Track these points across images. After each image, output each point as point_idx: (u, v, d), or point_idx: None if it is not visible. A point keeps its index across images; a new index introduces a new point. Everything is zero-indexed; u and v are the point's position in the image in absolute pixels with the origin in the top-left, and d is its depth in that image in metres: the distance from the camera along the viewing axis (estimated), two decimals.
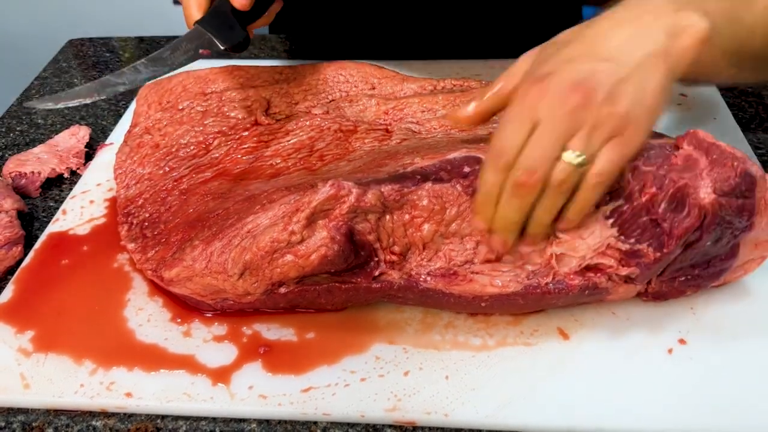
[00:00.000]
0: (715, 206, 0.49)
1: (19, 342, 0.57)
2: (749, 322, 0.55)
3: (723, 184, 0.49)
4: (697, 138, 0.51)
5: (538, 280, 0.52)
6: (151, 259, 0.59)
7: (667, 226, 0.50)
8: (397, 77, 0.71)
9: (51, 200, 0.76)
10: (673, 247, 0.50)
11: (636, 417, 0.49)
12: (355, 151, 0.63)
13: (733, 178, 0.49)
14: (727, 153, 0.50)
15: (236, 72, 0.76)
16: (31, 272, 0.64)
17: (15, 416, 0.53)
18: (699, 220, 0.49)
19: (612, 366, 0.53)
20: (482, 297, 0.53)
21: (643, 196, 0.50)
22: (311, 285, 0.54)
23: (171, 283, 0.56)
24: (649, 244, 0.51)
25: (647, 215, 0.50)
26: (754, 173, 0.50)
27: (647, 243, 0.51)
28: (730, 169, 0.49)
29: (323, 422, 0.52)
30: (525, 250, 0.52)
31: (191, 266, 0.54)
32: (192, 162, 0.67)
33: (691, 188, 0.49)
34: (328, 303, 0.57)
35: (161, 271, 0.57)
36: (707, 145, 0.51)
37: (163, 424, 0.52)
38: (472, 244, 0.53)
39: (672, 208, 0.50)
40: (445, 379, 0.53)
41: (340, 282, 0.53)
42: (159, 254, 0.59)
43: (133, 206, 0.65)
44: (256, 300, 0.55)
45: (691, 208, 0.49)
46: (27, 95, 0.95)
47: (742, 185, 0.49)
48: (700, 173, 0.50)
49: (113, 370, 0.55)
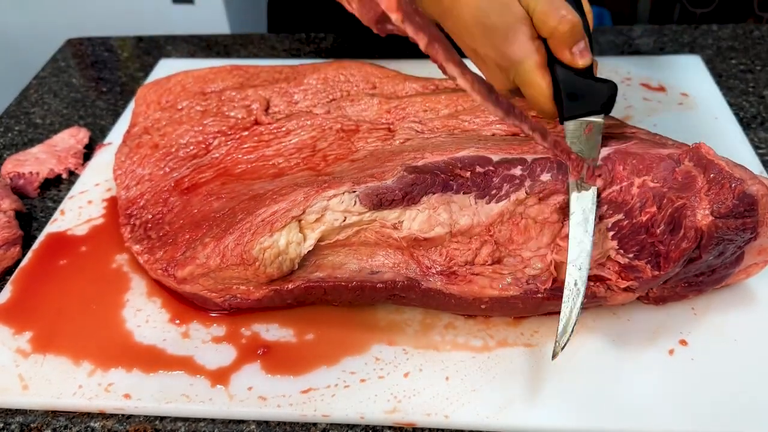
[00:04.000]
0: (712, 228, 0.48)
1: (17, 343, 0.57)
2: (750, 323, 0.55)
3: (720, 206, 0.48)
4: (698, 154, 0.50)
5: (538, 285, 0.52)
6: (161, 260, 0.59)
7: (664, 249, 0.49)
8: (399, 76, 0.71)
9: (49, 200, 0.75)
10: (670, 268, 0.49)
11: (637, 418, 0.49)
12: (358, 151, 0.63)
13: (731, 200, 0.48)
14: (725, 173, 0.49)
15: (235, 71, 0.76)
16: (29, 273, 0.64)
17: (13, 417, 0.53)
18: (695, 242, 0.48)
19: (613, 367, 0.53)
20: (482, 299, 0.53)
21: (644, 215, 0.50)
22: (317, 282, 0.54)
23: (184, 282, 0.56)
24: (648, 262, 0.50)
25: (646, 234, 0.50)
26: (754, 193, 0.48)
27: (646, 261, 0.50)
28: (727, 190, 0.48)
29: (322, 424, 0.51)
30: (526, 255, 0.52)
31: (205, 263, 0.54)
32: (192, 162, 0.67)
33: (688, 209, 0.48)
34: (334, 300, 0.57)
35: (173, 271, 0.57)
36: (706, 162, 0.50)
37: (162, 425, 0.52)
38: (477, 245, 0.53)
39: (670, 230, 0.49)
40: (445, 380, 0.52)
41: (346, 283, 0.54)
42: (168, 254, 0.59)
43: (135, 207, 0.65)
44: (264, 297, 0.55)
45: (687, 230, 0.48)
46: (25, 95, 0.95)
47: (740, 206, 0.48)
48: (698, 193, 0.49)
49: (112, 371, 0.54)
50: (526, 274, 0.52)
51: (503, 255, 0.53)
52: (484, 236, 0.53)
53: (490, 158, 0.53)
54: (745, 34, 0.96)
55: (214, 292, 0.56)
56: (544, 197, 0.53)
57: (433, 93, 0.67)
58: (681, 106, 0.79)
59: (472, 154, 0.53)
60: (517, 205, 0.53)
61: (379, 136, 0.64)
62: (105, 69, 1.00)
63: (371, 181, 0.54)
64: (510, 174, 0.53)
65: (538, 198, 0.53)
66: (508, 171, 0.53)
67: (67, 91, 0.95)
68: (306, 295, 0.56)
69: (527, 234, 0.53)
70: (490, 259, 0.53)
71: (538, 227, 0.53)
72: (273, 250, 0.53)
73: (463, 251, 0.53)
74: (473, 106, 0.63)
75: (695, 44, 0.95)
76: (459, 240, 0.53)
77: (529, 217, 0.53)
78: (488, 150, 0.53)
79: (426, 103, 0.65)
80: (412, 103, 0.66)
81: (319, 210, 0.53)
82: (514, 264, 0.53)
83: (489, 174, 0.53)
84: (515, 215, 0.53)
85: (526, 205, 0.53)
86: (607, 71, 0.86)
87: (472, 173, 0.53)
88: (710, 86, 0.82)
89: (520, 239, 0.53)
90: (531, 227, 0.53)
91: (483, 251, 0.53)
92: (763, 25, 1.00)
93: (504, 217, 0.53)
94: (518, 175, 0.53)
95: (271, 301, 0.56)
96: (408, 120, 0.64)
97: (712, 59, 0.90)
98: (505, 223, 0.53)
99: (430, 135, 0.62)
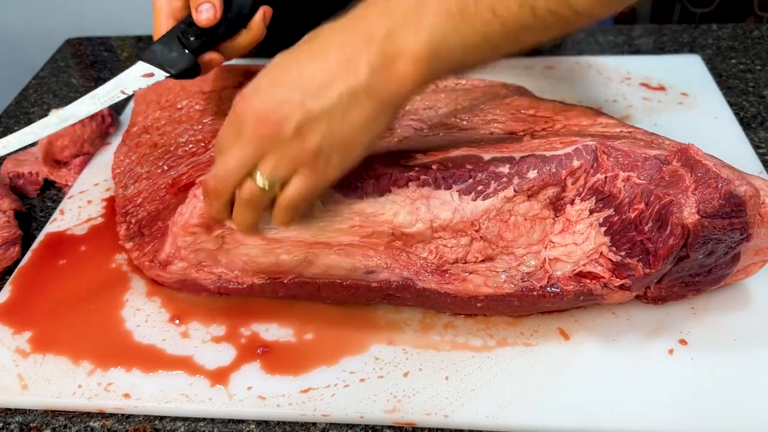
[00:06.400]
0: (698, 227, 0.48)
1: (16, 343, 0.57)
2: (750, 323, 0.55)
3: (707, 206, 0.48)
4: (687, 154, 0.50)
5: (533, 282, 0.52)
6: (148, 253, 0.59)
7: (652, 247, 0.49)
8: None
9: (49, 200, 0.75)
10: (659, 266, 0.49)
11: (637, 417, 0.49)
12: None
13: (717, 200, 0.48)
14: (711, 173, 0.49)
15: (235, 70, 0.76)
16: (29, 272, 0.64)
17: (13, 417, 0.53)
18: (682, 239, 0.48)
19: (612, 366, 0.53)
20: (477, 297, 0.53)
21: (632, 211, 0.50)
22: (311, 278, 0.54)
23: (167, 265, 0.56)
24: (639, 259, 0.50)
25: (635, 231, 0.50)
26: (741, 194, 0.48)
27: (637, 258, 0.50)
28: (713, 190, 0.48)
29: (322, 423, 0.51)
30: (519, 252, 0.52)
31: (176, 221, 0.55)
32: (191, 160, 0.67)
33: (675, 206, 0.48)
34: (328, 297, 0.57)
35: (157, 256, 0.57)
36: (694, 162, 0.50)
37: (161, 425, 0.52)
38: (466, 241, 0.53)
39: (657, 227, 0.49)
40: (444, 379, 0.52)
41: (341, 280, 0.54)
42: (155, 247, 0.59)
43: (132, 205, 0.65)
44: (255, 284, 0.55)
45: (674, 227, 0.48)
46: (25, 95, 0.95)
47: (726, 207, 0.48)
48: (686, 191, 0.49)
49: (111, 371, 0.54)
50: (521, 272, 0.52)
51: (496, 253, 0.53)
52: (470, 232, 0.53)
53: (481, 157, 0.53)
54: (745, 33, 0.96)
55: (199, 271, 0.56)
56: (533, 194, 0.53)
57: (433, 92, 0.67)
58: (681, 106, 0.79)
59: (464, 153, 0.53)
60: (505, 203, 0.53)
61: None
62: (105, 69, 1.00)
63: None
64: (497, 172, 0.53)
65: (526, 195, 0.53)
66: (496, 169, 0.53)
67: (66, 91, 0.95)
68: (299, 290, 0.56)
69: (517, 230, 0.53)
70: (482, 256, 0.53)
71: (528, 224, 0.53)
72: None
73: (453, 247, 0.53)
74: (472, 104, 0.63)
75: (695, 44, 0.95)
76: (443, 236, 0.53)
77: (518, 214, 0.53)
78: (480, 149, 0.53)
79: (425, 102, 0.65)
80: (411, 101, 0.66)
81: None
82: (508, 261, 0.53)
83: (475, 172, 0.53)
84: (503, 212, 0.53)
85: (515, 202, 0.53)
86: (608, 71, 0.87)
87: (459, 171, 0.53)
88: (710, 86, 0.82)
89: (510, 236, 0.53)
90: (521, 224, 0.53)
91: (473, 248, 0.53)
92: (763, 24, 1.00)
93: (490, 214, 0.53)
94: (506, 173, 0.53)
95: (261, 290, 0.56)
96: (407, 118, 0.64)
97: (712, 59, 0.90)
98: (492, 219, 0.53)
99: (428, 133, 0.62)
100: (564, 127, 0.60)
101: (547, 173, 0.52)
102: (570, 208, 0.53)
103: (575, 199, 0.53)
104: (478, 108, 0.63)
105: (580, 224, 0.52)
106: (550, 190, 0.53)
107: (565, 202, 0.53)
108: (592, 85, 0.83)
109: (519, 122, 0.61)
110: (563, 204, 0.53)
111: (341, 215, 0.53)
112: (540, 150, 0.54)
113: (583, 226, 0.52)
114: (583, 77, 0.86)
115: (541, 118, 0.61)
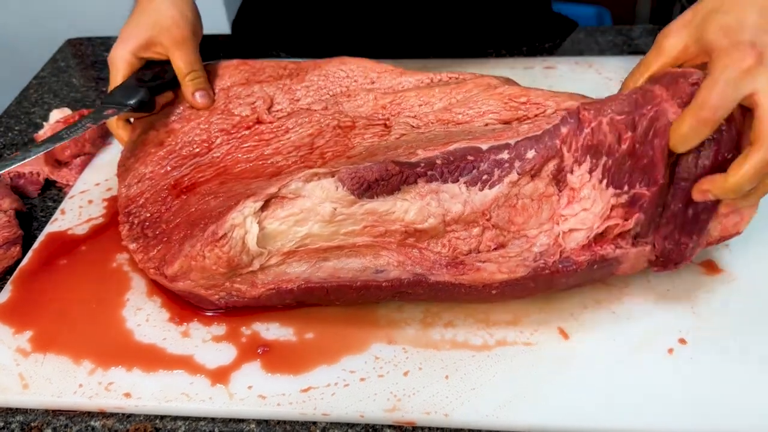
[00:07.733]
0: None
1: (17, 342, 0.57)
2: (749, 322, 0.55)
3: (684, 97, 0.50)
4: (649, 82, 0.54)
5: (545, 260, 0.52)
6: (153, 258, 0.59)
7: (648, 160, 0.50)
8: (396, 71, 0.71)
9: (50, 200, 0.75)
10: (662, 172, 0.50)
11: (636, 417, 0.49)
12: (354, 147, 0.63)
13: (689, 87, 0.50)
14: (675, 73, 0.52)
15: (242, 67, 0.76)
16: (30, 272, 0.64)
17: (14, 416, 0.53)
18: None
19: (612, 365, 0.53)
20: (492, 285, 0.53)
21: (623, 142, 0.51)
22: (318, 283, 0.54)
23: (174, 279, 0.56)
24: (641, 182, 0.51)
25: (630, 159, 0.51)
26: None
27: (639, 182, 0.51)
28: (684, 83, 0.51)
29: (322, 422, 0.52)
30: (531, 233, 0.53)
31: (189, 253, 0.54)
32: (194, 161, 0.67)
33: (660, 113, 0.50)
34: (337, 300, 0.57)
35: (163, 269, 0.57)
36: (659, 76, 0.53)
37: (162, 424, 0.52)
38: (478, 231, 0.53)
39: (648, 140, 0.51)
40: (444, 378, 0.53)
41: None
42: (161, 253, 0.59)
43: (134, 206, 0.65)
44: (262, 295, 0.55)
45: (663, 129, 0.50)
46: (25, 95, 0.95)
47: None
48: (661, 99, 0.51)
49: (112, 370, 0.54)
50: (533, 252, 0.53)
51: (508, 239, 0.53)
52: (482, 222, 0.53)
53: (480, 147, 0.54)
54: None
55: (208, 290, 0.56)
56: (535, 173, 0.53)
57: (428, 87, 0.67)
58: None
59: (463, 146, 0.54)
60: (511, 188, 0.53)
61: (376, 132, 0.64)
62: (105, 69, 1.00)
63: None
64: (498, 159, 0.53)
65: (530, 176, 0.53)
66: (496, 156, 0.54)
67: (67, 91, 0.95)
68: (307, 296, 0.56)
69: (526, 213, 0.53)
70: (494, 244, 0.53)
71: (535, 204, 0.53)
72: (241, 230, 0.52)
73: (466, 239, 0.53)
74: (466, 97, 0.64)
75: None
76: (455, 228, 0.53)
77: (525, 197, 0.53)
78: (477, 140, 0.54)
79: (421, 97, 0.66)
80: (407, 98, 0.66)
81: (295, 190, 0.52)
82: (520, 245, 0.53)
83: (478, 162, 0.54)
84: (510, 197, 0.53)
85: (520, 185, 0.53)
86: (608, 71, 0.87)
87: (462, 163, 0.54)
88: None
89: (520, 219, 0.53)
90: (529, 206, 0.53)
91: (485, 237, 0.53)
92: None
93: (499, 201, 0.53)
94: (507, 159, 0.53)
95: (269, 300, 0.56)
96: (403, 115, 0.65)
97: None
98: (501, 206, 0.53)
99: (425, 129, 0.62)
100: (555, 111, 0.60)
101: (543, 148, 0.53)
102: (571, 177, 0.53)
103: (573, 166, 0.53)
104: (472, 101, 0.63)
105: (584, 189, 0.53)
106: (550, 164, 0.53)
107: (565, 172, 0.53)
108: (592, 85, 0.84)
109: (512, 110, 0.62)
110: (564, 175, 0.53)
111: (353, 217, 0.53)
112: (532, 132, 0.54)
113: (587, 190, 0.52)
114: (583, 77, 0.86)
115: (533, 105, 0.62)
